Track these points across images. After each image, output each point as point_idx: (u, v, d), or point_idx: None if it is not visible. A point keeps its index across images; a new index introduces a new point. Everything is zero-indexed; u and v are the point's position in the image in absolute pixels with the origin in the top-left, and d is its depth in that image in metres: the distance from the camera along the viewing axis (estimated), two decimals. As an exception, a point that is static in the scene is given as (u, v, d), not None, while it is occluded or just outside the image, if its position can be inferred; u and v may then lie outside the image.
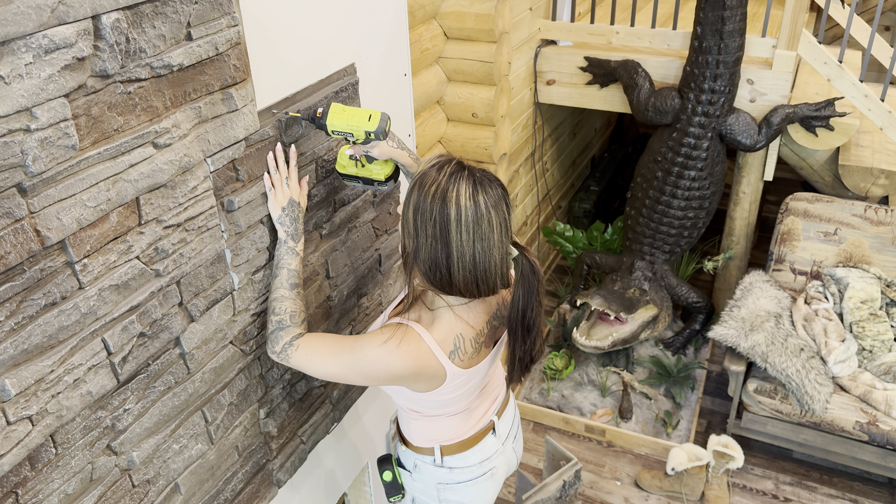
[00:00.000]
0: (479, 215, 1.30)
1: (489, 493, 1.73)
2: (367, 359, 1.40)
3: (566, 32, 3.45)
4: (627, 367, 3.43)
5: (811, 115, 3.03)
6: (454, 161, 1.34)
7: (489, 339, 1.53)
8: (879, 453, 2.72)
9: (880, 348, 2.84)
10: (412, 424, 1.65)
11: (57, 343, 1.08)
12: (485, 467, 1.68)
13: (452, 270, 1.33)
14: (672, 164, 3.18)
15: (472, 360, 1.49)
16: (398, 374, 1.41)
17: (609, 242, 4.00)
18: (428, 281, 1.38)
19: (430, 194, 1.30)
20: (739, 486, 2.96)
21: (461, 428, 1.63)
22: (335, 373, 1.44)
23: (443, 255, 1.32)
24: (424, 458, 1.67)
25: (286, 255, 1.50)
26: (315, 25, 1.55)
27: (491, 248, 1.33)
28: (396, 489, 1.73)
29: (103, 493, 1.23)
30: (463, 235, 1.30)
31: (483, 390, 1.65)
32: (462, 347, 1.45)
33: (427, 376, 1.43)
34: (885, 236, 3.05)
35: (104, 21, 1.02)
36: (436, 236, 1.31)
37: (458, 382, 1.49)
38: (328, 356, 1.43)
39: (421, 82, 2.78)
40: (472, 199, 1.29)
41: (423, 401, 1.54)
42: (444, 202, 1.29)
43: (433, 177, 1.31)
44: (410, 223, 1.33)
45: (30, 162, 0.97)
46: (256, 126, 1.38)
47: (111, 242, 1.13)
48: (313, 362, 1.44)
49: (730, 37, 2.88)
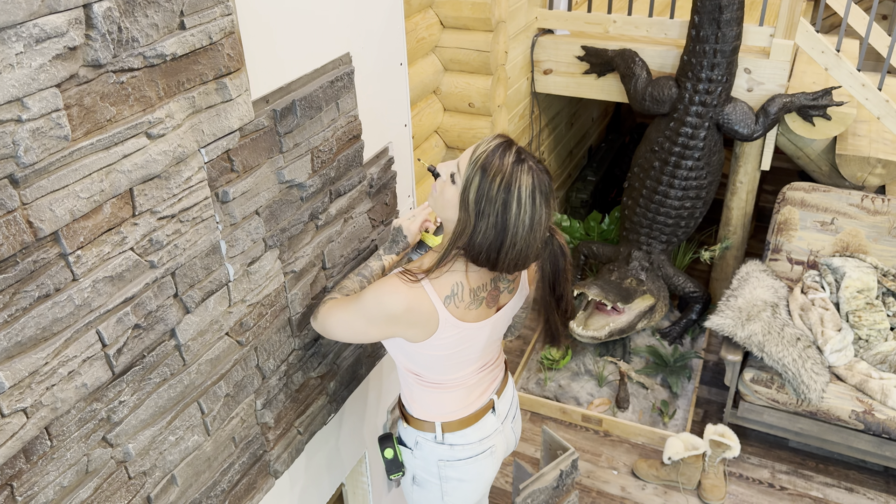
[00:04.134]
0: (534, 210, 1.40)
1: (488, 470, 1.77)
2: (366, 301, 1.49)
3: (563, 21, 3.43)
4: (624, 357, 3.44)
5: (808, 104, 3.02)
6: (513, 148, 1.42)
7: (491, 300, 1.57)
8: (875, 442, 2.73)
9: (876, 338, 2.84)
10: (414, 393, 1.69)
11: (51, 335, 1.07)
12: (484, 445, 1.72)
13: (501, 253, 1.43)
14: (669, 153, 3.17)
15: (470, 314, 1.53)
16: (392, 314, 1.47)
17: (606, 232, 4.00)
18: (471, 256, 1.46)
19: (497, 184, 1.38)
20: (736, 475, 2.97)
21: (462, 403, 1.67)
22: (347, 327, 1.55)
23: (497, 241, 1.41)
24: (426, 434, 1.70)
25: (375, 261, 1.74)
26: (310, 14, 1.54)
27: (538, 238, 1.44)
28: (397, 467, 1.78)
29: (99, 486, 1.22)
30: (520, 229, 1.40)
31: (483, 367, 1.69)
32: (460, 294, 1.51)
33: (420, 319, 1.48)
34: (881, 226, 3.06)
35: (96, 10, 1.01)
36: (496, 225, 1.40)
37: (452, 334, 1.52)
38: (340, 312, 1.55)
39: (417, 72, 2.76)
40: (531, 196, 1.39)
41: (420, 356, 1.58)
42: (508, 195, 1.38)
43: (496, 165, 1.38)
44: (471, 206, 1.41)
45: (21, 153, 0.96)
46: (251, 116, 1.37)
47: (105, 234, 1.12)
48: (329, 322, 1.58)
49: (727, 26, 2.87)
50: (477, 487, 1.77)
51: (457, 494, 1.76)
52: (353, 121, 1.71)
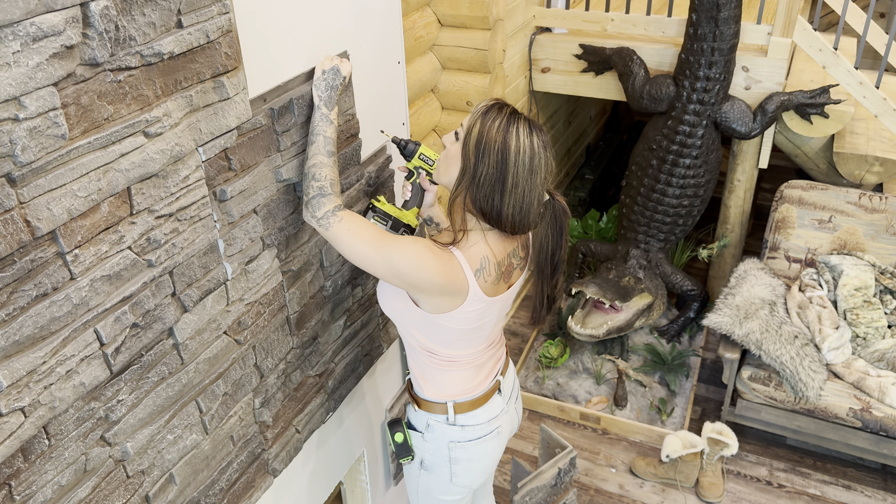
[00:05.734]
0: (534, 151, 1.44)
1: (495, 451, 1.81)
2: (407, 254, 1.45)
3: (561, 19, 3.43)
4: (622, 355, 3.44)
5: (806, 102, 3.03)
6: (511, 106, 1.49)
7: (507, 275, 1.60)
8: (872, 440, 2.74)
9: (874, 335, 2.85)
10: (426, 373, 1.71)
11: (49, 334, 1.07)
12: (492, 425, 1.76)
13: (504, 198, 1.45)
14: (667, 152, 3.17)
15: (492, 288, 1.56)
16: (428, 279, 1.46)
17: (604, 231, 4.00)
18: (478, 208, 1.48)
19: (495, 127, 1.43)
20: (734, 473, 2.97)
21: (472, 382, 1.70)
22: (368, 258, 1.47)
23: (499, 183, 1.44)
24: (437, 416, 1.73)
25: (320, 122, 1.54)
26: (307, 12, 1.54)
27: (537, 184, 1.47)
28: (407, 451, 1.80)
29: (97, 484, 1.22)
30: (520, 168, 1.43)
31: (491, 345, 1.72)
32: (487, 269, 1.53)
33: (452, 290, 1.50)
34: (879, 224, 3.06)
35: (93, 8, 1.01)
36: (497, 164, 1.43)
37: (476, 308, 1.54)
38: (370, 241, 1.47)
39: (415, 70, 2.76)
40: (528, 136, 1.44)
41: (440, 329, 1.58)
42: (507, 135, 1.43)
43: (494, 114, 1.45)
44: (472, 150, 1.45)
45: (18, 151, 0.95)
46: (248, 115, 1.37)
47: (102, 233, 1.12)
48: (354, 240, 1.47)
49: (725, 24, 2.87)
50: (484, 467, 1.80)
51: (466, 475, 1.78)
52: (350, 119, 1.71)
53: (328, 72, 1.55)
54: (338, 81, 1.56)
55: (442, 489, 1.82)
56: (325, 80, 1.54)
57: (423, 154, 1.70)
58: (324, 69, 1.55)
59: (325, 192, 1.49)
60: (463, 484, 1.80)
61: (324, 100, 1.54)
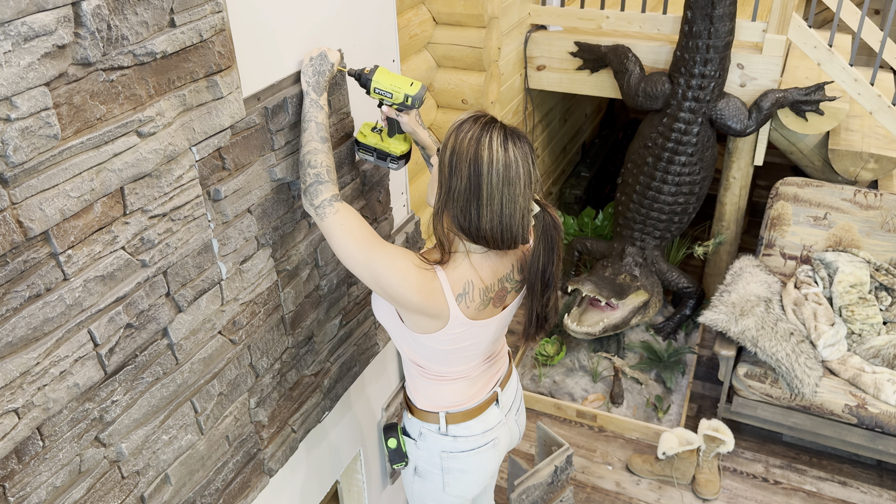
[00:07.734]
0: (508, 161, 1.38)
1: (491, 462, 1.78)
2: (392, 264, 1.43)
3: (556, 17, 3.43)
4: (618, 353, 3.45)
5: (801, 99, 3.03)
6: (489, 116, 1.44)
7: (498, 300, 1.57)
8: (868, 436, 2.75)
9: (869, 332, 2.86)
10: (418, 384, 1.70)
11: (42, 335, 1.06)
12: (487, 437, 1.73)
13: (482, 213, 1.40)
14: (662, 149, 3.17)
15: (478, 313, 1.53)
16: (406, 296, 1.44)
17: (600, 228, 4.00)
18: (457, 225, 1.44)
19: (467, 139, 1.39)
20: (730, 470, 2.98)
21: (465, 395, 1.68)
22: (354, 259, 1.45)
23: (474, 196, 1.39)
24: (430, 426, 1.72)
25: (311, 108, 1.51)
26: (301, 11, 1.53)
27: (517, 195, 1.40)
28: (400, 457, 1.79)
29: (92, 485, 1.22)
30: (493, 178, 1.38)
31: (488, 359, 1.70)
32: (470, 294, 1.50)
33: (431, 312, 1.47)
34: (874, 220, 3.07)
35: (84, 8, 1.00)
36: (469, 177, 1.38)
37: (458, 331, 1.52)
38: (359, 241, 1.45)
39: (410, 68, 2.76)
40: (502, 146, 1.38)
41: (424, 348, 1.57)
42: (478, 146, 1.38)
43: (469, 126, 1.41)
44: (446, 165, 1.41)
45: (10, 152, 0.95)
46: (242, 114, 1.36)
47: (96, 233, 1.11)
48: (344, 236, 1.44)
49: (720, 21, 2.87)
50: (478, 479, 1.78)
51: (458, 486, 1.77)
52: (345, 118, 1.71)
53: (315, 58, 1.53)
54: (325, 67, 1.53)
55: (435, 497, 1.80)
56: (312, 66, 1.52)
57: (378, 87, 1.58)
58: (311, 56, 1.53)
59: (322, 178, 1.46)
60: (456, 494, 1.78)
61: (312, 85, 1.51)
